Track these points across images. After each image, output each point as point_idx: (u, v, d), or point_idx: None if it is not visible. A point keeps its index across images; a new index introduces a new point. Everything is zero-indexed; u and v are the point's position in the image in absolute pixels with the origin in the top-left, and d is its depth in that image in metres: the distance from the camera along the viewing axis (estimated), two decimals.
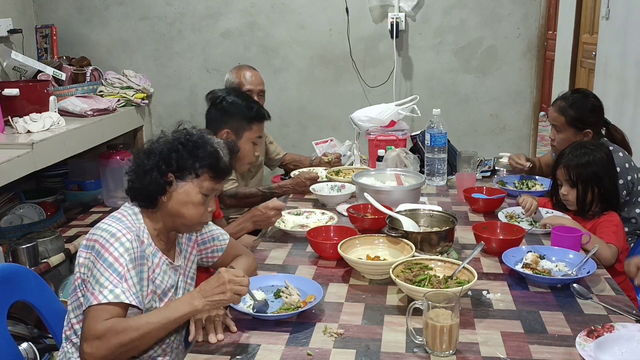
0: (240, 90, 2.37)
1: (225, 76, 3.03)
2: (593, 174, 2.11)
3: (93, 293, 1.41)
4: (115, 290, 1.40)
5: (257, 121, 2.32)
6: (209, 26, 3.97)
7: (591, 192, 2.12)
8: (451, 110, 3.82)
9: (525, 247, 1.91)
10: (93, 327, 1.37)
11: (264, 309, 1.56)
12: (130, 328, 1.37)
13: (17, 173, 2.44)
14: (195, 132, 1.60)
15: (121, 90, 3.58)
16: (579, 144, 2.25)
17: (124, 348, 1.37)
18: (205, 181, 1.57)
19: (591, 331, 1.42)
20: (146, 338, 1.39)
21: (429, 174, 2.74)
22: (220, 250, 1.81)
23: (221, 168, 1.59)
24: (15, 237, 2.69)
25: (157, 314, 1.42)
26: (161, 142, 1.58)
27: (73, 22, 4.03)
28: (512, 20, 3.74)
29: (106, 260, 1.43)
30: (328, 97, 3.98)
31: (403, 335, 1.46)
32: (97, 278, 1.42)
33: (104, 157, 3.32)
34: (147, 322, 1.39)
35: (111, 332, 1.36)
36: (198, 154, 1.55)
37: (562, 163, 2.18)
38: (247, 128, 2.30)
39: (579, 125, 2.46)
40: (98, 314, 1.38)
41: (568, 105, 2.48)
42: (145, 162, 1.55)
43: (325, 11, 3.86)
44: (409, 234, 1.92)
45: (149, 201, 1.57)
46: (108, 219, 1.55)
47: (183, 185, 1.56)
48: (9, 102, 2.82)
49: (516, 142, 3.91)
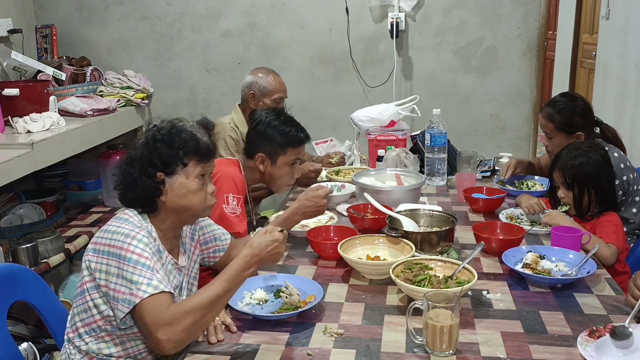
0: (282, 111, 2.31)
1: (249, 78, 2.93)
2: (588, 175, 2.11)
3: (132, 293, 1.39)
4: (152, 282, 1.40)
5: (292, 146, 2.23)
6: (209, 26, 3.97)
7: (587, 193, 2.12)
8: (451, 110, 3.82)
9: (525, 247, 1.91)
10: (157, 317, 1.36)
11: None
12: (199, 304, 1.37)
13: (17, 173, 2.44)
14: (165, 125, 1.58)
15: (121, 90, 3.58)
16: (574, 145, 2.25)
17: (197, 325, 1.38)
18: (195, 167, 1.56)
19: (593, 331, 1.42)
20: (216, 308, 1.41)
21: (429, 174, 2.74)
22: (222, 250, 1.81)
23: (203, 148, 1.57)
24: (15, 237, 2.68)
25: (220, 285, 1.42)
26: (138, 148, 1.56)
27: (73, 22, 4.03)
28: (512, 20, 3.74)
29: (131, 260, 1.42)
30: (328, 97, 3.98)
31: (403, 335, 1.46)
32: (130, 278, 1.40)
33: (104, 157, 3.32)
34: (212, 293, 1.40)
35: (180, 314, 1.36)
36: (176, 144, 1.53)
37: (558, 165, 2.18)
38: (281, 153, 2.22)
39: (567, 129, 2.46)
40: (151, 306, 1.37)
41: (555, 112, 2.48)
42: (131, 171, 1.53)
43: (325, 11, 3.86)
44: (409, 234, 1.92)
45: (148, 206, 1.56)
46: (114, 221, 1.53)
47: (176, 179, 1.54)
48: (9, 102, 2.81)
49: (516, 142, 3.91)
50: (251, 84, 2.90)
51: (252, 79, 2.91)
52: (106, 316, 1.50)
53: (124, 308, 1.40)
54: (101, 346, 1.53)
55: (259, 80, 2.89)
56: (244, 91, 2.91)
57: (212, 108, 4.01)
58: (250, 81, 2.91)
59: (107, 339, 1.53)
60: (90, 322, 1.52)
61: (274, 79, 2.91)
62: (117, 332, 1.52)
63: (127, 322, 1.47)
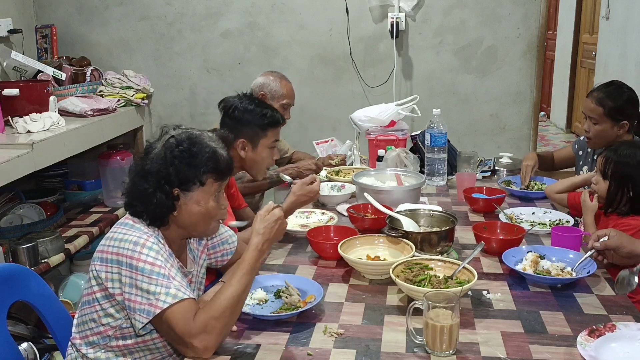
0: (252, 95, 2.32)
1: (261, 79, 2.92)
2: (625, 174, 2.02)
3: (150, 303, 1.37)
4: (170, 290, 1.38)
5: (272, 127, 2.25)
6: (209, 26, 3.97)
7: (621, 190, 2.02)
8: (451, 110, 3.82)
9: (525, 247, 1.91)
10: (188, 327, 1.35)
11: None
12: (227, 305, 1.38)
13: (17, 173, 2.44)
14: (183, 138, 1.50)
15: (121, 90, 3.58)
16: (630, 143, 2.17)
17: (229, 325, 1.40)
18: (212, 184, 1.51)
19: (592, 331, 1.42)
20: (241, 304, 1.44)
21: (429, 174, 2.74)
22: (230, 253, 1.80)
23: (223, 166, 1.53)
24: (15, 237, 2.68)
25: (240, 280, 1.42)
26: (154, 160, 1.48)
27: (73, 22, 4.03)
28: (512, 20, 3.74)
29: (144, 270, 1.39)
30: (328, 97, 3.98)
31: (403, 335, 1.46)
32: (146, 288, 1.38)
33: (104, 157, 3.32)
34: (236, 291, 1.41)
35: (212, 320, 1.36)
36: (197, 163, 1.47)
37: (605, 154, 2.10)
38: (262, 135, 2.23)
39: (616, 116, 2.41)
40: (180, 316, 1.36)
41: (606, 96, 2.43)
42: (146, 186, 1.47)
43: (325, 11, 3.86)
44: (409, 234, 1.92)
45: (158, 220, 1.50)
46: (119, 228, 1.49)
47: (191, 196, 1.49)
48: (9, 102, 2.81)
49: (516, 142, 3.91)
50: (263, 85, 2.90)
51: (264, 80, 2.92)
52: (117, 327, 1.48)
53: (142, 318, 1.38)
54: (109, 355, 1.52)
55: (271, 83, 2.90)
56: (255, 91, 2.89)
57: (212, 108, 4.00)
58: (262, 82, 2.91)
59: (115, 349, 1.52)
60: (100, 332, 1.50)
61: (286, 85, 2.94)
62: (127, 341, 1.50)
63: (148, 328, 1.45)
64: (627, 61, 3.97)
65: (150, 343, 1.51)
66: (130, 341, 1.50)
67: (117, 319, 1.48)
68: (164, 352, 1.55)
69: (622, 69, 4.07)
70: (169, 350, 1.55)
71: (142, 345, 1.52)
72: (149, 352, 1.54)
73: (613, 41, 4.40)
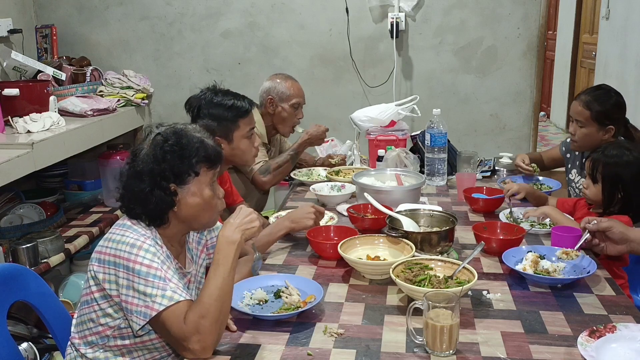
0: (215, 88, 2.22)
1: (267, 83, 2.89)
2: (615, 175, 2.03)
3: (147, 305, 1.37)
4: (166, 293, 1.38)
5: (241, 117, 2.17)
6: (209, 26, 3.97)
7: (611, 191, 2.04)
8: (451, 110, 3.83)
9: (525, 247, 1.91)
10: (181, 330, 1.36)
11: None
12: (212, 305, 1.37)
13: (17, 173, 2.44)
14: (169, 133, 1.51)
15: (121, 90, 3.58)
16: (616, 144, 2.18)
17: (220, 321, 1.39)
18: (206, 173, 1.52)
19: (593, 331, 1.42)
20: (228, 299, 1.42)
21: (429, 174, 2.74)
22: None
23: (213, 154, 1.54)
24: (15, 237, 2.68)
25: (216, 274, 1.41)
26: (144, 160, 1.48)
27: (73, 22, 4.04)
28: (512, 20, 3.74)
29: (140, 272, 1.39)
30: (328, 97, 3.98)
31: (403, 335, 1.46)
32: (143, 291, 1.38)
33: (104, 157, 3.32)
34: (218, 288, 1.39)
35: (201, 320, 1.35)
36: (188, 154, 1.49)
37: (592, 157, 2.11)
38: (234, 128, 2.16)
39: (603, 120, 2.41)
40: (174, 318, 1.36)
41: (593, 100, 2.43)
42: (142, 187, 1.47)
43: (325, 11, 3.86)
44: (409, 234, 1.92)
45: (158, 219, 1.50)
46: (117, 229, 1.49)
47: (188, 189, 1.50)
48: (9, 102, 2.82)
49: (516, 142, 3.91)
50: (269, 89, 2.87)
51: (270, 84, 2.89)
52: (115, 327, 1.49)
53: (139, 320, 1.39)
54: (108, 355, 1.53)
55: (277, 86, 2.86)
56: (263, 97, 2.88)
57: None
58: (268, 87, 2.88)
59: (114, 349, 1.52)
60: (99, 331, 1.51)
61: (292, 84, 2.89)
62: (126, 341, 1.51)
63: (146, 328, 1.45)
64: (627, 61, 3.97)
65: (148, 343, 1.52)
66: (129, 341, 1.51)
67: (116, 318, 1.48)
68: (163, 351, 1.55)
69: (622, 69, 4.07)
70: (168, 349, 1.55)
71: (140, 345, 1.52)
72: (147, 352, 1.54)
73: (613, 41, 4.40)
